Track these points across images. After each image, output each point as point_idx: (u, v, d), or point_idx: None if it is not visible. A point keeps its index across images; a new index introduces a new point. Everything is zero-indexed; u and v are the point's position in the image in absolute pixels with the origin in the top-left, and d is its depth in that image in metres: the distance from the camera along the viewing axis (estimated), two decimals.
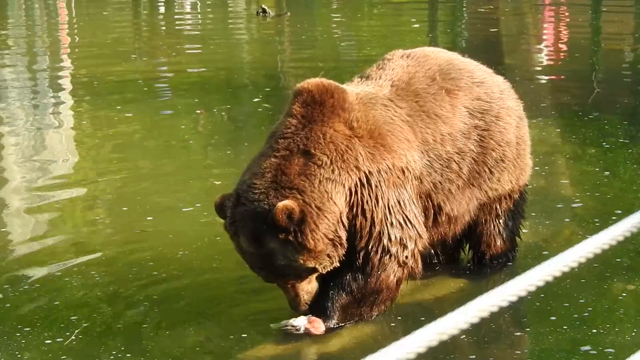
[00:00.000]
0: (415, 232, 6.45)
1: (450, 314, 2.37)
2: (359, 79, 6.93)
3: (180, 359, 6.25)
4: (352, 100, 6.47)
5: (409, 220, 6.42)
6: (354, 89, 6.66)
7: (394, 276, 6.46)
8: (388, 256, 6.38)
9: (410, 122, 6.59)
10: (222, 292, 7.17)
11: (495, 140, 6.94)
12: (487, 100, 6.96)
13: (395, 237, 6.37)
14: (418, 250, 6.50)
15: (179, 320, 6.74)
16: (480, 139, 6.87)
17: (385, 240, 6.34)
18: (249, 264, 6.35)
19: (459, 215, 6.84)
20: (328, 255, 6.21)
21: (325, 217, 6.16)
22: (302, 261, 6.16)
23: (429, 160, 6.61)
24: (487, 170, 6.92)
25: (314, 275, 6.37)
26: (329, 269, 6.30)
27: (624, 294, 6.92)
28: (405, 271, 6.49)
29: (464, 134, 6.80)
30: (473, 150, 6.83)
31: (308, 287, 6.39)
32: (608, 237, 2.65)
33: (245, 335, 6.51)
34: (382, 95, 6.64)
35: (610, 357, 6.02)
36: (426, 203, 6.64)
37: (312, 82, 6.49)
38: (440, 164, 6.66)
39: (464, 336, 6.27)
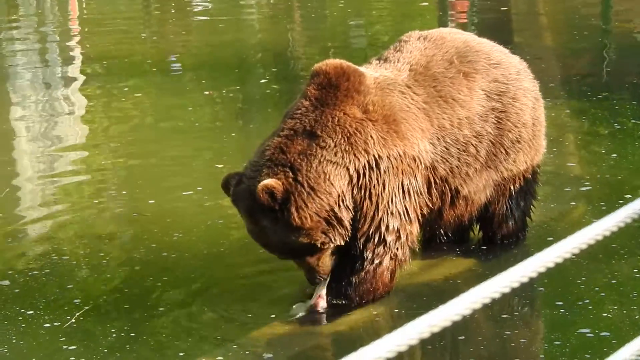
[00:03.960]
0: (410, 225, 6.47)
1: (452, 300, 2.36)
2: (377, 62, 6.92)
3: (181, 341, 6.27)
4: (369, 84, 6.48)
5: (408, 212, 6.43)
6: (372, 72, 6.66)
7: (388, 271, 6.50)
8: (382, 246, 6.39)
9: (427, 110, 6.61)
10: (225, 274, 7.18)
11: (512, 121, 6.95)
12: (504, 82, 6.98)
13: (393, 227, 6.39)
14: (408, 245, 6.52)
15: (180, 302, 6.76)
16: (497, 121, 6.89)
17: (383, 228, 6.36)
18: (255, 240, 6.42)
19: (475, 197, 6.87)
20: (323, 232, 6.23)
21: (318, 196, 6.18)
22: (294, 238, 6.19)
23: (445, 146, 6.63)
24: (503, 152, 6.94)
25: (325, 253, 6.38)
26: (331, 246, 6.31)
27: (624, 278, 6.92)
28: (396, 264, 6.51)
29: (482, 116, 6.81)
30: (490, 133, 6.85)
31: (319, 263, 6.40)
32: (613, 221, 2.64)
33: (249, 316, 6.53)
34: (400, 80, 6.64)
35: (605, 341, 6.02)
36: (443, 188, 6.66)
37: (330, 63, 6.49)
38: (457, 149, 6.68)
39: (465, 318, 6.27)
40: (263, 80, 13.70)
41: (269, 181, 6.08)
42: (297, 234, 6.20)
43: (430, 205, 6.61)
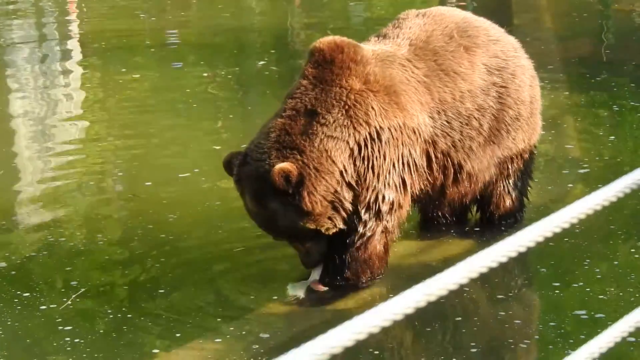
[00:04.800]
0: (404, 198, 6.47)
1: (444, 272, 2.36)
2: (376, 38, 6.92)
3: (178, 322, 6.27)
4: (368, 55, 6.48)
5: (404, 184, 6.43)
6: (371, 46, 6.66)
7: (380, 243, 6.49)
8: (376, 218, 6.39)
9: (427, 83, 6.61)
10: (222, 255, 7.18)
11: (512, 98, 6.97)
12: (504, 58, 7.00)
13: (388, 198, 6.39)
14: (397, 217, 6.51)
15: (177, 284, 6.76)
16: (499, 96, 6.90)
17: (380, 199, 6.36)
18: (256, 223, 6.40)
19: (479, 174, 6.87)
20: (329, 218, 6.25)
21: (324, 177, 6.18)
22: (302, 223, 6.20)
23: (447, 120, 6.63)
24: (504, 128, 6.95)
25: (324, 236, 6.39)
26: (332, 231, 6.32)
27: (621, 260, 6.92)
28: (387, 236, 6.50)
29: (483, 90, 6.82)
30: (493, 107, 6.87)
31: (317, 246, 6.42)
32: (602, 196, 2.63)
33: (246, 296, 6.54)
34: (400, 54, 6.65)
35: (599, 322, 6.03)
36: (445, 162, 6.67)
37: (324, 40, 6.50)
38: (459, 122, 6.68)
39: (453, 297, 6.29)
40: (262, 62, 13.65)
41: (285, 165, 6.08)
42: (305, 219, 6.21)
43: (431, 180, 6.61)
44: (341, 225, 6.32)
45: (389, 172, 6.35)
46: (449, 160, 6.68)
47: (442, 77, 6.69)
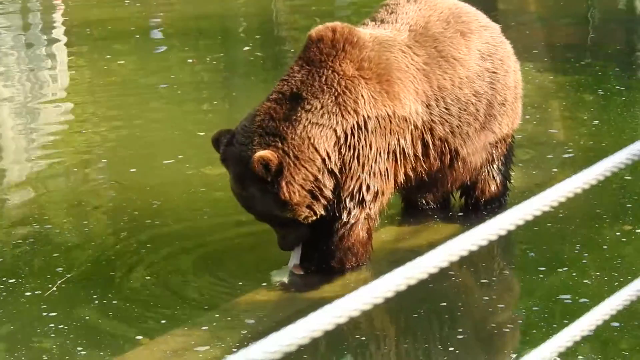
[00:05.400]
0: (387, 186, 6.47)
1: (424, 255, 2.36)
2: (373, 23, 6.89)
3: (163, 307, 6.28)
4: (365, 38, 6.46)
5: (388, 173, 6.42)
6: (370, 30, 6.65)
7: (363, 230, 6.49)
8: (360, 206, 6.39)
9: (427, 71, 6.61)
10: (208, 241, 7.17)
11: (500, 83, 7.01)
12: (494, 43, 7.04)
13: (373, 187, 6.39)
14: (380, 206, 6.52)
15: (162, 269, 6.76)
16: (491, 81, 6.92)
17: (364, 188, 6.36)
18: (239, 202, 6.43)
19: (473, 159, 6.89)
20: (308, 207, 6.25)
21: (303, 166, 6.18)
22: (279, 211, 6.20)
23: (445, 107, 6.65)
24: (495, 114, 6.96)
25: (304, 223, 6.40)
26: (312, 220, 6.32)
27: (607, 244, 6.93)
28: (370, 222, 6.51)
29: (479, 76, 6.86)
30: (487, 92, 6.89)
31: (296, 232, 6.43)
32: (583, 179, 2.63)
33: (231, 282, 6.55)
34: (400, 40, 6.64)
35: (583, 307, 6.03)
36: (442, 148, 6.67)
37: (319, 27, 6.49)
38: (458, 108, 6.71)
39: (438, 282, 6.30)
40: (246, 48, 13.62)
41: (265, 153, 6.08)
42: (283, 208, 6.22)
43: (426, 166, 6.61)
44: (322, 213, 6.32)
45: (375, 161, 6.35)
46: (446, 146, 6.70)
47: (442, 63, 6.70)
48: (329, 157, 6.24)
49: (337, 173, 6.28)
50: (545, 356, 2.68)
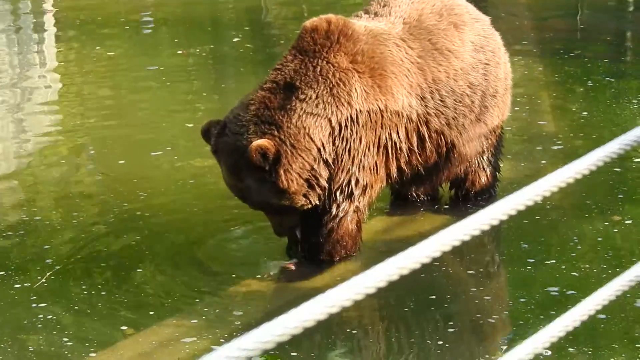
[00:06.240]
0: (376, 180, 6.48)
1: (416, 245, 2.35)
2: (367, 15, 6.88)
3: (153, 298, 6.27)
4: (360, 30, 6.46)
5: (377, 168, 6.42)
6: (364, 22, 6.65)
7: (352, 223, 6.50)
8: (349, 200, 6.40)
9: (421, 64, 6.62)
10: (197, 232, 7.16)
11: (492, 75, 7.03)
12: (485, 36, 7.06)
13: (362, 181, 6.39)
14: (369, 199, 6.52)
15: (153, 261, 6.75)
16: (484, 73, 6.94)
17: (353, 182, 6.36)
18: (233, 193, 6.40)
19: (468, 151, 6.89)
20: (304, 195, 6.24)
21: (300, 155, 6.17)
22: (277, 200, 6.19)
23: (440, 99, 6.65)
24: (487, 105, 6.96)
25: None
26: (307, 207, 6.32)
27: (595, 236, 6.95)
28: (359, 216, 6.52)
29: (473, 67, 6.89)
30: (482, 84, 6.91)
31: (290, 219, 6.44)
32: (574, 169, 2.62)
33: (222, 274, 6.54)
34: (395, 33, 6.65)
35: (570, 298, 6.06)
36: (439, 141, 6.67)
37: (315, 18, 6.50)
38: (453, 100, 6.72)
39: (428, 274, 6.31)
40: (236, 39, 13.60)
41: (263, 142, 6.05)
42: (280, 196, 6.21)
43: (422, 159, 6.61)
44: (316, 202, 6.32)
45: (364, 155, 6.35)
46: (442, 138, 6.71)
47: (436, 56, 6.71)
48: (324, 148, 6.24)
49: (331, 163, 6.28)
50: (537, 347, 2.68)
